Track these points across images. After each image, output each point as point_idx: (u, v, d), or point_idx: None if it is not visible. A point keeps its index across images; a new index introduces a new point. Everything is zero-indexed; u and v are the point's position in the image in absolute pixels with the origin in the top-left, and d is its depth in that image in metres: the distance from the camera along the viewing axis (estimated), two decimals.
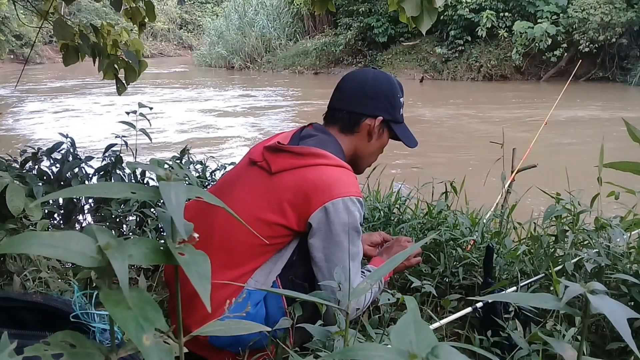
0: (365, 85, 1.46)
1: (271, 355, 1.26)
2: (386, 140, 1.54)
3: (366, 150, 1.51)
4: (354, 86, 1.48)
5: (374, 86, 1.46)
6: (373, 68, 1.58)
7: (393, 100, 1.48)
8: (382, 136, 1.51)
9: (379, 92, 1.46)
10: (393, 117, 1.49)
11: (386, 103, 1.47)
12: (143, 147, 4.70)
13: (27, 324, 1.10)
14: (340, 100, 1.49)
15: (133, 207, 2.02)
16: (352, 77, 1.51)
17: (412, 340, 0.44)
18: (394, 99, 1.48)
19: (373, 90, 1.46)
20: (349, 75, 1.53)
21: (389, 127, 1.50)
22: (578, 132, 8.47)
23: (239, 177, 1.42)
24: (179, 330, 0.51)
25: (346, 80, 1.51)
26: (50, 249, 0.42)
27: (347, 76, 1.53)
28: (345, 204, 1.29)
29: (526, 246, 1.79)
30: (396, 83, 1.51)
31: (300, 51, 19.85)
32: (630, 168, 0.86)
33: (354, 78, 1.50)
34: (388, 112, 1.47)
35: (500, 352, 1.31)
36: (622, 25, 12.98)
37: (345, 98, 1.48)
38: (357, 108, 1.46)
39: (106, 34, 2.59)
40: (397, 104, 1.49)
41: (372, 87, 1.46)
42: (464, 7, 14.79)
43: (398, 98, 1.49)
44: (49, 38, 25.40)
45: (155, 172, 0.49)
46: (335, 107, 1.49)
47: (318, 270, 1.31)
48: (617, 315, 0.53)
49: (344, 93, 1.49)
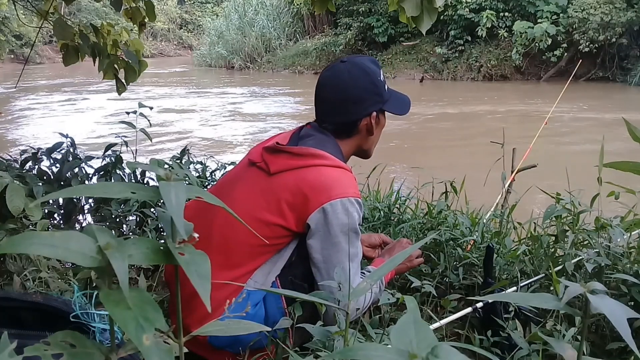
0: (347, 91, 1.40)
1: (271, 355, 1.26)
2: (384, 121, 1.51)
3: (370, 142, 1.50)
4: (336, 95, 1.41)
5: (355, 88, 1.40)
6: (342, 61, 1.44)
7: (376, 89, 1.43)
8: (380, 122, 1.48)
9: (361, 91, 1.41)
10: (382, 101, 1.45)
11: (372, 96, 1.43)
12: (143, 147, 4.71)
13: (27, 324, 1.10)
14: (326, 114, 1.44)
15: (133, 207, 2.02)
16: (330, 84, 1.42)
17: (412, 340, 0.44)
18: (376, 87, 1.43)
19: (356, 92, 1.40)
20: (326, 81, 1.43)
21: (382, 110, 1.47)
22: (578, 132, 8.47)
23: (238, 177, 1.42)
24: (179, 330, 0.51)
25: (326, 89, 1.43)
26: (50, 249, 0.42)
27: (324, 82, 1.44)
28: (344, 205, 1.28)
29: (526, 246, 1.79)
30: (371, 67, 1.43)
31: (300, 51, 19.85)
32: (630, 168, 0.86)
33: (333, 85, 1.42)
34: (377, 102, 1.44)
35: (500, 352, 1.31)
36: (622, 25, 12.97)
37: (331, 111, 1.43)
38: (347, 117, 1.43)
39: (106, 34, 2.59)
40: (380, 88, 1.44)
41: (354, 89, 1.40)
42: (464, 7, 14.78)
43: (379, 81, 1.44)
44: (49, 38, 25.38)
45: (155, 172, 0.49)
46: (325, 120, 1.45)
47: (317, 271, 1.31)
48: (617, 315, 0.53)
49: (327, 105, 1.44)
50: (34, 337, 0.98)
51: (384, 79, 1.48)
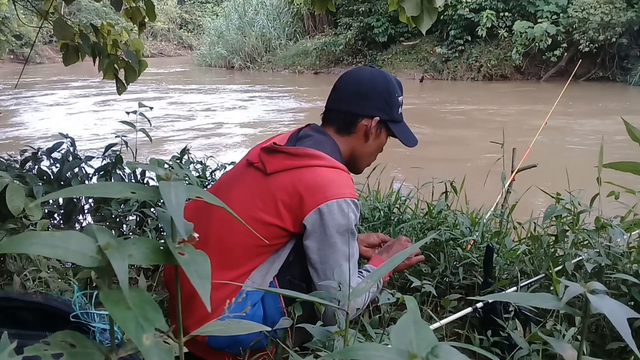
0: (360, 85, 1.44)
1: (271, 355, 1.26)
2: (384, 140, 1.52)
3: (364, 151, 1.50)
4: (350, 86, 1.46)
5: (370, 85, 1.44)
6: (371, 66, 1.55)
7: (390, 100, 1.46)
8: (379, 136, 1.49)
9: (375, 91, 1.44)
10: (390, 116, 1.47)
11: (382, 102, 1.45)
12: (143, 147, 4.70)
13: (27, 324, 1.10)
14: (336, 101, 1.48)
15: (133, 207, 2.02)
16: (349, 76, 1.49)
17: (412, 340, 0.44)
18: (390, 98, 1.46)
19: (369, 89, 1.44)
20: (346, 75, 1.51)
21: (386, 126, 1.48)
22: (578, 132, 8.47)
23: (236, 178, 1.42)
24: (179, 330, 0.51)
25: (343, 80, 1.49)
26: (50, 249, 0.42)
27: (344, 75, 1.51)
28: (340, 206, 1.28)
29: (526, 246, 1.79)
30: (394, 81, 1.48)
31: (300, 51, 19.85)
32: (630, 168, 0.86)
33: (351, 77, 1.48)
34: (385, 112, 1.45)
35: (500, 352, 1.31)
36: (622, 25, 12.97)
37: (341, 98, 1.47)
38: (353, 108, 1.45)
39: (106, 34, 2.59)
40: (394, 102, 1.47)
41: (368, 86, 1.44)
42: (464, 6, 14.79)
43: (396, 97, 1.47)
44: (49, 38, 25.41)
45: (155, 171, 0.49)
46: (331, 107, 1.48)
47: (314, 271, 1.31)
48: (617, 315, 0.53)
49: (340, 93, 1.48)
50: (34, 337, 0.98)
51: (402, 102, 1.50)
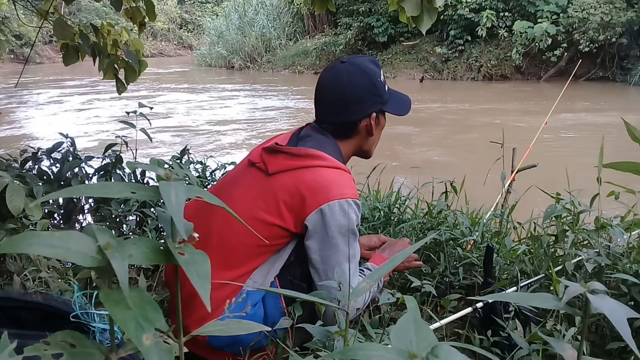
0: (345, 92, 1.39)
1: (271, 355, 1.26)
2: (384, 121, 1.51)
3: (370, 143, 1.50)
4: (333, 96, 1.41)
5: (353, 89, 1.39)
6: (342, 62, 1.44)
7: (376, 90, 1.42)
8: (380, 122, 1.48)
9: (361, 91, 1.40)
10: (382, 102, 1.44)
11: (372, 97, 1.42)
12: (143, 147, 4.71)
13: (27, 324, 1.10)
14: (326, 115, 1.44)
15: (133, 207, 2.02)
16: (328, 85, 1.42)
17: (412, 340, 0.44)
18: (376, 88, 1.42)
19: (353, 94, 1.39)
20: (323, 83, 1.43)
21: (382, 110, 1.46)
22: (578, 131, 8.47)
23: (237, 178, 1.42)
24: (179, 330, 0.51)
25: (324, 90, 1.43)
26: (50, 249, 0.42)
27: (322, 84, 1.43)
28: (342, 206, 1.28)
29: (526, 246, 1.79)
30: (371, 67, 1.42)
31: (300, 51, 19.85)
32: (630, 168, 0.86)
33: (331, 86, 1.41)
34: (377, 103, 1.43)
35: (500, 352, 1.31)
36: (622, 25, 12.97)
37: (330, 112, 1.43)
38: (347, 118, 1.42)
39: (106, 34, 2.59)
40: (380, 88, 1.43)
41: (351, 90, 1.39)
42: (464, 6, 14.78)
43: (380, 82, 1.43)
44: (49, 38, 25.42)
45: (155, 171, 0.49)
46: (323, 120, 1.45)
47: (315, 272, 1.31)
48: (617, 315, 0.53)
49: (327, 106, 1.43)
50: (34, 337, 0.98)
51: (384, 79, 1.47)
